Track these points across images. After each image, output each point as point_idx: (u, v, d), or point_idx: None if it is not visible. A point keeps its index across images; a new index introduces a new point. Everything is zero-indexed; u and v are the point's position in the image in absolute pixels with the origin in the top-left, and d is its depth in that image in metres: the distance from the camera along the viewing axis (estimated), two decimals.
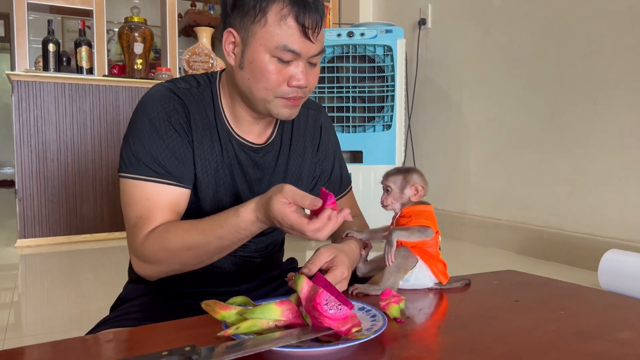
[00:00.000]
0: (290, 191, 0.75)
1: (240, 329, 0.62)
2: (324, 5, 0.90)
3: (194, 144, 0.92)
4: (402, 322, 0.72)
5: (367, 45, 2.89)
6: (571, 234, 2.53)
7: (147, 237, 0.87)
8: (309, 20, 0.84)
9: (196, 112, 0.93)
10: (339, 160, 1.14)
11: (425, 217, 0.87)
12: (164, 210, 0.88)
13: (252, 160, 0.98)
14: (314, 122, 1.08)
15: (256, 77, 0.87)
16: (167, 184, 0.89)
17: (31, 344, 1.57)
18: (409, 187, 0.88)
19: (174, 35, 3.55)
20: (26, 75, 3.00)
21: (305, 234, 0.74)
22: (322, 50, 0.90)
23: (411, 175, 0.89)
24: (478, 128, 3.08)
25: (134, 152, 0.89)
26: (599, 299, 0.91)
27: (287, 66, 0.86)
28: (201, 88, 0.96)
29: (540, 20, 2.68)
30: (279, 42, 0.84)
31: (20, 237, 3.05)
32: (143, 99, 0.93)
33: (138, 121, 0.91)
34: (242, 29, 0.87)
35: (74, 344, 0.70)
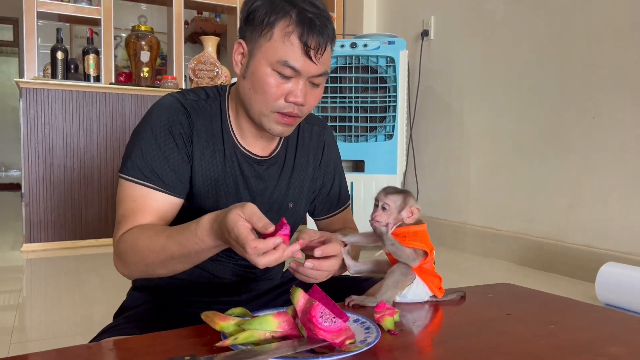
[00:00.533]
0: (249, 209, 0.74)
1: (239, 339, 0.65)
2: (334, 31, 0.92)
3: (193, 156, 0.95)
4: (395, 334, 0.73)
5: (370, 56, 2.92)
6: (570, 245, 2.54)
7: (124, 234, 0.89)
8: (313, 40, 0.86)
9: (201, 124, 0.96)
10: (339, 176, 1.17)
11: (420, 239, 0.88)
12: (147, 214, 0.91)
13: (255, 172, 1.01)
14: (317, 138, 1.11)
15: (256, 88, 0.90)
16: (155, 189, 0.92)
17: (36, 348, 1.60)
18: (406, 209, 0.89)
19: (180, 43, 3.59)
20: (34, 83, 3.04)
21: (246, 249, 0.71)
22: (325, 72, 0.91)
23: (409, 197, 0.90)
24: (479, 139, 3.10)
25: (132, 155, 0.92)
26: (591, 313, 0.93)
27: (287, 82, 0.89)
28: (210, 100, 0.99)
29: (542, 34, 2.70)
30: (280, 57, 0.87)
31: (26, 241, 3.08)
32: (151, 107, 0.97)
33: (142, 126, 0.95)
34: (250, 41, 0.91)
35: (77, 352, 0.71)
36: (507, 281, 1.22)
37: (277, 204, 1.05)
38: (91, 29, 3.39)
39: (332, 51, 0.93)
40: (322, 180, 1.13)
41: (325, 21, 0.89)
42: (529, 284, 2.32)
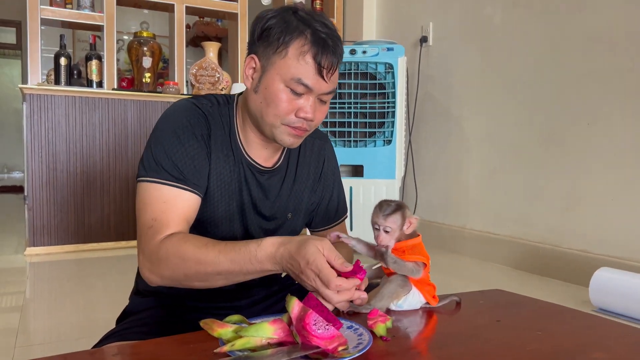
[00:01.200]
0: (328, 245, 0.77)
1: (236, 345, 0.67)
2: (343, 50, 0.96)
3: (211, 157, 0.98)
4: (388, 340, 0.76)
5: (369, 62, 2.95)
6: (566, 250, 2.56)
7: (165, 240, 0.88)
8: (326, 60, 0.90)
9: (216, 128, 0.99)
10: (338, 190, 1.19)
11: (418, 251, 0.90)
12: (179, 216, 0.91)
13: (258, 181, 1.04)
14: (318, 151, 1.14)
15: (268, 102, 0.93)
16: (184, 189, 0.93)
17: (40, 352, 1.63)
18: (405, 224, 0.90)
19: (182, 49, 3.63)
20: (38, 89, 3.08)
21: (329, 285, 0.75)
22: (333, 90, 0.96)
23: (405, 210, 0.90)
24: (478, 144, 3.13)
25: (155, 157, 0.93)
26: (578, 319, 0.95)
27: (298, 98, 0.93)
28: (221, 107, 1.02)
29: (539, 41, 2.73)
30: (294, 74, 0.90)
31: (29, 245, 3.11)
32: (168, 110, 0.99)
33: (162, 129, 0.96)
34: (263, 57, 0.94)
35: (81, 357, 0.74)
36: (503, 286, 1.25)
37: (277, 214, 1.08)
38: (94, 35, 3.42)
39: (339, 67, 0.96)
40: (322, 193, 1.16)
41: (337, 41, 0.93)
42: (525, 288, 2.37)
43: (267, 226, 1.07)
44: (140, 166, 0.95)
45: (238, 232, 1.04)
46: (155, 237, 0.89)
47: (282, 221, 1.09)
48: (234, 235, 1.04)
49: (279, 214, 1.08)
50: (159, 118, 0.99)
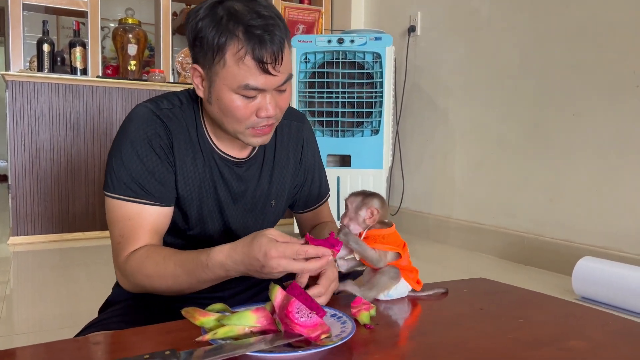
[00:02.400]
0: (278, 232, 0.79)
1: (218, 334, 0.67)
2: (285, 32, 0.87)
3: (176, 164, 0.96)
4: (371, 328, 0.76)
5: (356, 51, 2.94)
6: (550, 240, 2.60)
7: (129, 257, 0.91)
8: (267, 55, 0.84)
9: (178, 132, 0.96)
10: (319, 171, 1.19)
11: (390, 241, 0.90)
12: (145, 231, 0.92)
13: (235, 174, 1.02)
14: (296, 133, 1.12)
15: (224, 113, 0.90)
16: (147, 204, 0.93)
17: (23, 341, 1.62)
18: (364, 209, 0.90)
19: (168, 36, 3.58)
20: (20, 76, 3.03)
21: (295, 254, 0.76)
22: (289, 77, 0.90)
23: (370, 199, 0.90)
24: (463, 135, 3.14)
25: (116, 172, 0.92)
26: (560, 308, 0.97)
27: (254, 100, 0.88)
28: (184, 107, 0.98)
29: (524, 34, 2.74)
30: (240, 82, 0.85)
31: (13, 234, 3.08)
32: (126, 120, 0.96)
33: (120, 142, 0.94)
34: (205, 67, 0.89)
35: (63, 346, 0.73)
36: (488, 275, 1.26)
37: (260, 203, 1.07)
38: (77, 21, 3.37)
39: (290, 48, 0.90)
40: (304, 176, 1.14)
41: (274, 28, 0.85)
42: (510, 277, 2.40)
43: (250, 218, 1.06)
44: (106, 178, 0.95)
45: (218, 230, 1.03)
46: (122, 253, 0.93)
47: (266, 209, 1.08)
48: (215, 233, 1.03)
49: (262, 202, 1.07)
50: (119, 128, 0.97)
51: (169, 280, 0.88)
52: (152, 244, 0.94)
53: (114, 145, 0.96)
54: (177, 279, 0.87)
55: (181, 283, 0.88)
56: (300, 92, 3.01)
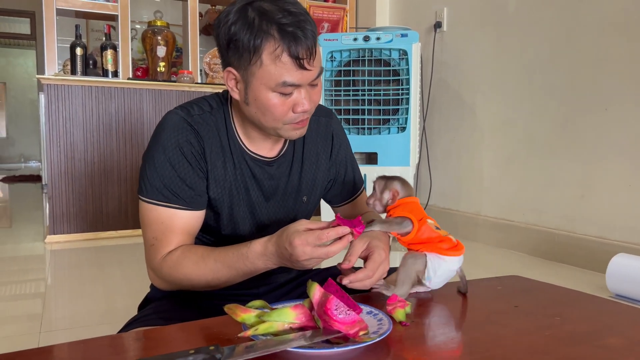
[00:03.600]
0: (305, 222, 0.83)
1: (259, 330, 0.69)
2: (315, 27, 0.90)
3: (208, 169, 0.98)
4: (407, 325, 0.77)
5: (382, 49, 2.94)
6: (582, 236, 2.55)
7: (165, 259, 0.95)
8: (302, 51, 0.86)
9: (209, 137, 0.98)
10: (351, 163, 1.19)
11: (403, 209, 0.92)
12: (177, 234, 0.96)
13: (267, 173, 1.04)
14: (325, 129, 1.13)
15: (262, 112, 0.92)
16: (178, 208, 0.96)
17: (64, 337, 1.68)
18: (387, 192, 0.95)
19: (195, 37, 3.64)
20: (55, 79, 3.11)
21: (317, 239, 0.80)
22: (320, 71, 0.93)
23: (392, 182, 0.95)
24: (492, 131, 3.11)
25: (149, 177, 0.96)
26: (596, 305, 0.96)
27: (290, 96, 0.91)
28: (214, 111, 1.00)
29: (553, 27, 2.70)
30: (278, 79, 0.88)
31: (49, 233, 3.18)
32: (158, 127, 0.99)
33: (153, 149, 0.97)
34: (240, 69, 0.91)
35: (105, 342, 0.76)
36: (519, 272, 1.25)
37: (291, 200, 1.08)
38: (109, 25, 3.44)
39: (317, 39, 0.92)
40: (336, 170, 1.15)
41: (305, 24, 0.87)
42: (541, 274, 2.37)
43: (282, 215, 1.08)
44: (140, 182, 0.98)
45: (250, 229, 1.05)
46: (157, 255, 0.97)
47: (297, 206, 1.10)
48: (247, 232, 1.05)
49: (292, 199, 1.08)
50: (152, 134, 1.00)
51: (209, 276, 0.92)
52: (185, 244, 0.97)
53: (147, 151, 0.99)
54: (216, 274, 0.91)
55: (220, 277, 0.92)
56: (326, 90, 3.02)
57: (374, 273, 0.87)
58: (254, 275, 0.92)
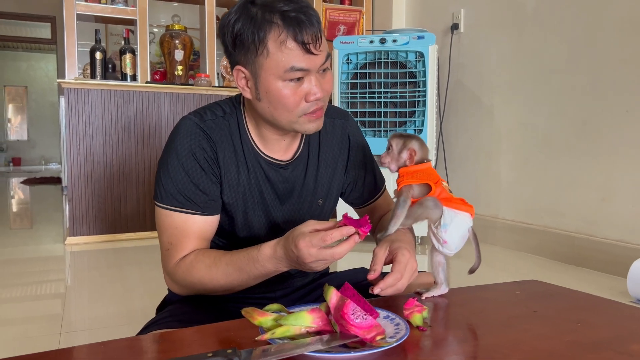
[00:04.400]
0: (311, 224, 0.82)
1: (276, 334, 0.69)
2: (318, 14, 0.91)
3: (221, 174, 0.99)
4: (424, 330, 0.76)
5: (399, 51, 2.93)
6: (602, 240, 2.51)
7: (178, 264, 0.96)
8: (307, 35, 0.87)
9: (222, 142, 0.99)
10: (371, 164, 1.17)
11: (417, 177, 0.90)
12: (192, 238, 0.97)
13: (282, 176, 1.04)
14: (341, 130, 1.12)
15: (275, 105, 0.92)
16: (192, 214, 0.97)
17: (84, 338, 1.69)
18: (405, 151, 0.92)
19: (213, 41, 3.67)
20: (76, 83, 3.16)
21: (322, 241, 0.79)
22: (328, 56, 0.93)
23: (410, 140, 0.93)
24: (510, 133, 3.08)
25: (164, 183, 0.97)
26: (617, 310, 0.94)
27: (301, 84, 0.90)
28: (227, 116, 1.01)
29: (572, 28, 2.66)
30: (285, 65, 0.88)
31: (69, 234, 3.23)
32: (172, 133, 1.00)
33: (167, 155, 0.98)
34: (248, 64, 0.91)
35: (124, 344, 0.77)
36: (538, 276, 1.24)
37: (306, 203, 1.08)
38: (127, 29, 3.49)
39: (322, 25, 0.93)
40: (355, 172, 1.14)
41: (307, 9, 0.88)
42: (560, 278, 2.34)
43: (297, 218, 1.07)
44: (155, 188, 1.00)
45: (265, 232, 1.05)
46: (171, 260, 0.98)
47: (312, 209, 1.09)
48: (262, 235, 1.05)
49: (308, 202, 1.08)
50: (167, 141, 1.01)
51: (221, 280, 0.93)
52: (199, 248, 0.98)
53: (162, 157, 1.00)
54: (228, 277, 0.92)
55: (232, 281, 0.92)
56: (342, 92, 3.03)
57: (402, 274, 0.86)
58: (266, 278, 0.92)
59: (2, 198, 6.62)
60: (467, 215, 0.91)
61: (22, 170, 11.40)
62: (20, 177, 9.06)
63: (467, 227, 0.91)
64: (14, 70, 12.55)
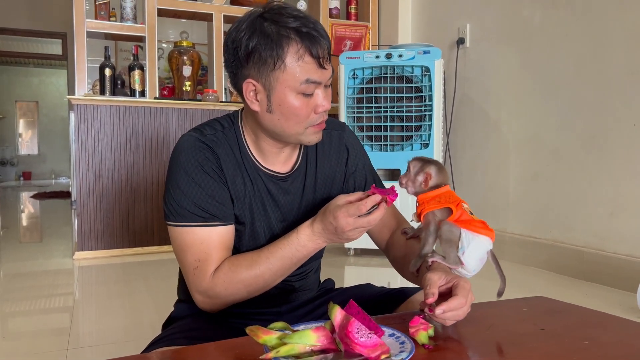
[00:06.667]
0: (342, 197, 0.91)
1: (280, 352, 0.69)
2: (323, 27, 0.97)
3: (228, 185, 1.00)
4: (430, 348, 0.76)
5: (405, 66, 2.94)
6: (611, 255, 2.49)
7: (215, 276, 0.95)
8: (321, 50, 0.92)
9: (225, 155, 1.00)
10: (371, 173, 1.18)
11: (437, 202, 0.91)
12: (218, 250, 0.97)
13: (281, 188, 1.05)
14: (338, 141, 1.12)
15: (287, 117, 0.95)
16: (214, 225, 0.97)
17: (90, 354, 1.69)
18: (422, 174, 0.95)
19: (220, 57, 3.70)
20: (85, 99, 3.20)
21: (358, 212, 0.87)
22: (332, 71, 0.98)
23: (429, 165, 0.95)
24: (517, 147, 3.07)
25: (177, 201, 0.97)
26: (626, 328, 0.93)
27: (310, 97, 0.94)
28: (226, 131, 1.02)
29: (579, 41, 2.67)
30: (302, 78, 0.92)
31: (78, 249, 3.24)
32: (175, 152, 1.00)
33: (175, 173, 0.98)
34: (261, 77, 0.93)
35: None
36: (546, 291, 1.23)
37: (308, 214, 1.07)
38: (136, 46, 3.53)
39: None
40: (355, 181, 1.14)
41: (316, 24, 0.93)
42: (569, 293, 2.31)
43: None
44: (166, 210, 0.99)
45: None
46: (204, 276, 0.96)
47: None
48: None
49: (310, 213, 1.07)
50: (170, 160, 1.01)
51: (266, 275, 0.95)
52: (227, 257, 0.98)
53: (169, 177, 1.00)
54: (272, 269, 0.95)
55: (277, 271, 0.96)
56: (348, 107, 3.04)
57: (466, 300, 0.84)
58: (307, 259, 0.97)
59: (12, 212, 6.68)
60: (487, 238, 0.91)
61: (33, 184, 11.50)
62: (30, 192, 9.13)
63: (485, 249, 0.91)
64: (26, 86, 12.72)
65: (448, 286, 0.86)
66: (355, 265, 3.10)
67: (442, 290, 0.86)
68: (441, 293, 0.85)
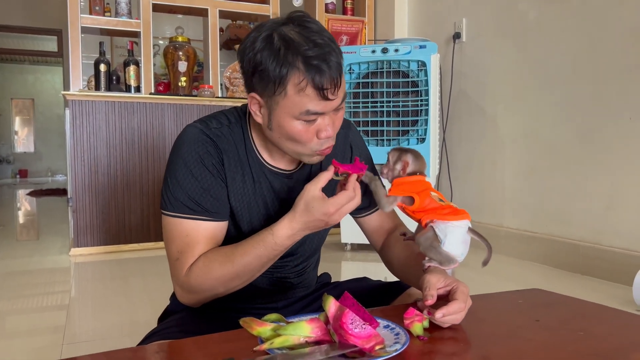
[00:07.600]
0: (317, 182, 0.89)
1: (274, 344, 0.69)
2: (340, 56, 0.90)
3: (227, 181, 0.99)
4: (424, 339, 0.76)
5: (401, 60, 2.94)
6: (607, 248, 2.49)
7: (191, 269, 0.94)
8: (327, 82, 0.87)
9: (228, 151, 0.99)
10: (373, 171, 1.16)
11: (405, 188, 0.94)
12: (202, 244, 0.95)
13: (286, 186, 1.04)
14: (343, 140, 1.12)
15: (286, 138, 0.93)
16: (203, 220, 0.96)
17: (86, 349, 1.69)
18: (399, 162, 0.98)
19: (216, 52, 3.70)
20: (80, 95, 3.19)
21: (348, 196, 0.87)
22: (344, 97, 0.93)
23: (405, 153, 0.98)
24: (513, 142, 3.08)
25: (172, 191, 0.96)
26: (620, 320, 0.93)
27: (313, 123, 0.91)
28: (232, 126, 1.01)
29: (576, 36, 2.67)
30: (301, 109, 0.88)
31: (73, 245, 3.23)
32: (178, 141, 1.00)
33: (174, 163, 0.98)
34: (264, 96, 0.91)
35: (124, 355, 0.77)
36: (542, 284, 1.23)
37: None
38: (132, 41, 3.52)
39: (343, 68, 0.92)
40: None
41: (330, 56, 0.87)
42: (565, 287, 2.32)
43: None
44: (162, 198, 0.99)
45: None
46: (182, 269, 0.95)
47: None
48: None
49: None
50: (172, 149, 1.01)
51: (240, 272, 0.93)
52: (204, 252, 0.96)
53: (168, 166, 1.00)
54: (247, 267, 0.92)
55: (253, 269, 0.93)
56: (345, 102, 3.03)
57: (465, 305, 0.83)
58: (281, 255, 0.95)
59: (9, 210, 6.66)
60: (461, 221, 0.91)
61: (29, 182, 11.47)
62: (26, 189, 9.11)
63: (463, 232, 0.91)
64: (21, 83, 12.67)
65: (447, 289, 0.86)
66: (352, 260, 3.10)
67: (441, 293, 0.86)
68: (439, 295, 0.85)
